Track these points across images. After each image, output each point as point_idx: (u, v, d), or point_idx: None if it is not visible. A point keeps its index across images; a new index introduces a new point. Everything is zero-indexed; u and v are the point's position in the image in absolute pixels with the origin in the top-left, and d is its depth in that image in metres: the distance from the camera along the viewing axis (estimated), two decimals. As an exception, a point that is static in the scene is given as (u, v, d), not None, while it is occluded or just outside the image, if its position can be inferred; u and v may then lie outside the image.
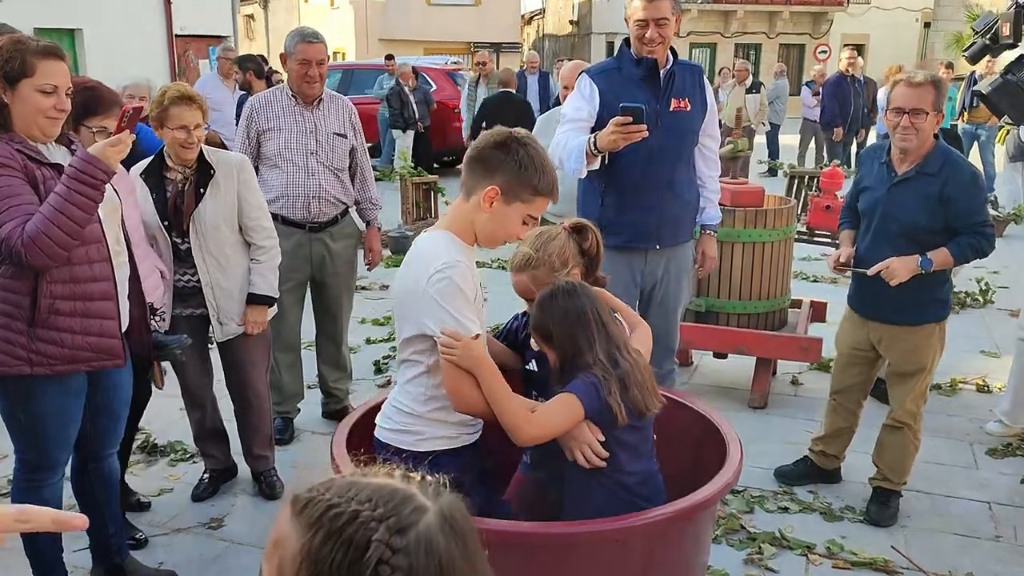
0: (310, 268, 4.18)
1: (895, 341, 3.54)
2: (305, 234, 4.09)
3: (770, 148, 14.18)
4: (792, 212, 4.90)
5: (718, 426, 2.45)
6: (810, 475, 3.91)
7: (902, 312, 3.48)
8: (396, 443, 2.21)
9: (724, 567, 3.22)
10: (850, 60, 11.77)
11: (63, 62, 2.51)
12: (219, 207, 3.39)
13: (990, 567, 3.28)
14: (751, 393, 4.82)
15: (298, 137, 4.01)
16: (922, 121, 3.26)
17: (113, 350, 2.68)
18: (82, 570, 3.12)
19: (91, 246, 2.58)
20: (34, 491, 2.72)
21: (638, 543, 2.04)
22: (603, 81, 3.52)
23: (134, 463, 4.02)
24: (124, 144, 2.48)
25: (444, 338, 2.07)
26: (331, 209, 4.13)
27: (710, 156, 3.76)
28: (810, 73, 15.41)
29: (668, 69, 3.52)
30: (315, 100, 4.05)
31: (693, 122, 3.59)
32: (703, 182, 3.76)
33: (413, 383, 2.22)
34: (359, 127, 4.25)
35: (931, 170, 3.32)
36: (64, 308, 2.55)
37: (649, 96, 3.44)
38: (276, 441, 4.23)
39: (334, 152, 4.08)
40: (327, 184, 4.07)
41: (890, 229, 3.43)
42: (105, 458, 2.95)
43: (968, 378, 5.20)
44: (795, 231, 5.07)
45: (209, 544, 3.40)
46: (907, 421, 3.58)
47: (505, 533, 1.97)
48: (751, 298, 4.83)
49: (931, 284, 3.43)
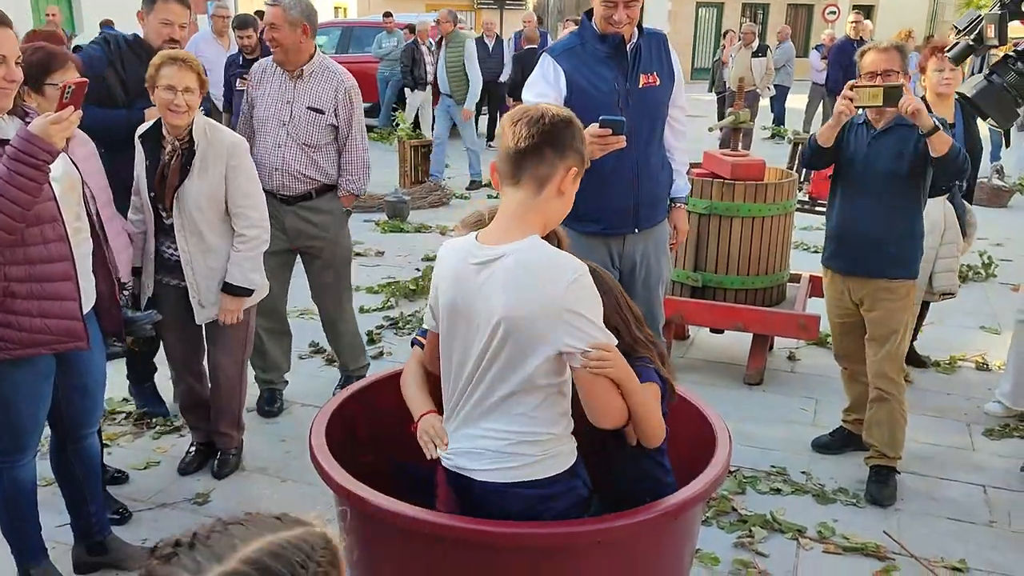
0: (287, 239, 4.08)
1: (877, 301, 3.58)
2: (278, 203, 3.99)
3: (776, 113, 13.98)
4: (793, 186, 4.80)
5: (710, 420, 2.37)
6: (848, 444, 3.96)
7: (895, 265, 3.54)
8: (540, 475, 1.98)
9: (714, 550, 3.19)
10: (856, 24, 11.56)
11: (9, 29, 2.38)
12: (204, 188, 3.28)
13: (983, 554, 3.24)
14: (747, 370, 4.76)
15: (275, 107, 3.95)
16: (893, 80, 3.42)
17: (74, 332, 2.58)
18: (64, 546, 3.08)
19: (46, 225, 2.47)
20: (5, 472, 2.68)
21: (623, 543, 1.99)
22: (567, 61, 3.33)
23: (120, 435, 3.98)
24: (68, 121, 2.36)
25: (597, 352, 1.88)
26: (297, 184, 4.01)
27: (677, 127, 3.61)
28: (820, 36, 15.11)
29: (634, 43, 3.35)
30: (297, 70, 3.94)
31: (663, 96, 3.45)
32: (671, 154, 3.61)
33: (544, 407, 1.96)
34: (353, 105, 4.02)
35: (908, 121, 3.36)
36: (20, 291, 2.46)
37: (617, 73, 3.30)
38: (265, 413, 4.20)
39: (302, 127, 3.94)
40: (291, 158, 3.95)
41: (872, 181, 3.52)
42: (85, 437, 2.90)
43: (967, 355, 5.14)
44: (795, 205, 4.98)
45: (194, 520, 3.36)
46: (890, 390, 3.60)
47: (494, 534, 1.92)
48: (749, 273, 4.75)
49: (911, 240, 3.54)
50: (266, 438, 4.02)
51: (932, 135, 3.25)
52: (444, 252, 2.07)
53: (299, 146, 3.96)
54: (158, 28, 3.67)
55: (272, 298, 4.04)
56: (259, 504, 3.47)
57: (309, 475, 2.41)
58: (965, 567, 3.15)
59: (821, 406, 4.46)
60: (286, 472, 3.72)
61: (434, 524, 1.92)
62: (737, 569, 3.10)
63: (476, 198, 9.50)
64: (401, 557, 2.05)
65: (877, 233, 3.52)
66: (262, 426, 4.14)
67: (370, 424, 2.47)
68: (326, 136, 4.01)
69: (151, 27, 3.69)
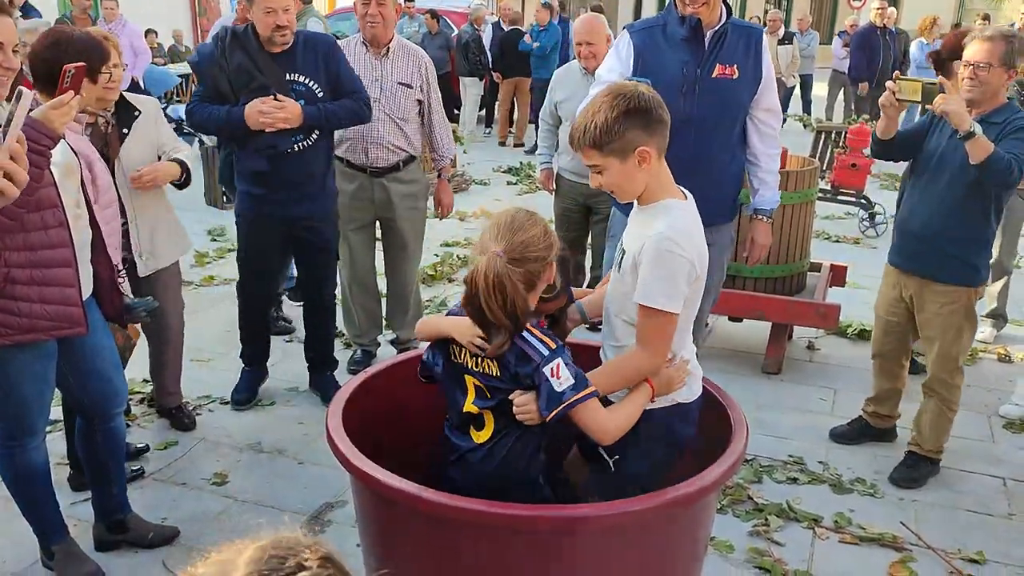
0: (374, 209, 4.35)
1: (925, 302, 3.53)
2: (368, 178, 4.26)
3: (804, 100, 13.84)
4: (815, 174, 4.75)
5: (727, 408, 2.36)
6: (865, 435, 3.97)
7: (918, 261, 3.51)
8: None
9: (729, 538, 3.18)
10: (880, 10, 11.41)
11: (8, 17, 2.37)
12: (144, 147, 3.44)
13: (1000, 547, 3.22)
14: (766, 358, 4.74)
15: (364, 84, 4.05)
16: (986, 73, 3.30)
17: (73, 318, 2.58)
18: (84, 523, 3.13)
19: (46, 211, 2.46)
20: (16, 457, 2.70)
21: (637, 528, 1.99)
22: (642, 39, 3.21)
23: (141, 415, 4.02)
24: (69, 106, 2.34)
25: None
26: (390, 156, 4.24)
27: (767, 132, 3.35)
28: (843, 23, 14.92)
29: (717, 30, 3.16)
30: (383, 48, 4.17)
31: (740, 92, 3.22)
32: (756, 160, 3.39)
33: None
34: (432, 80, 4.29)
35: (996, 119, 3.31)
36: (20, 277, 2.45)
37: (688, 59, 3.14)
38: (351, 371, 4.41)
39: (396, 101, 4.18)
40: (385, 132, 4.18)
41: (940, 176, 3.42)
42: (110, 419, 2.91)
43: (989, 347, 5.09)
44: (816, 194, 4.93)
45: (213, 500, 3.40)
46: (936, 388, 3.59)
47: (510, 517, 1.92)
48: (769, 262, 4.71)
49: (975, 245, 3.43)
50: (284, 421, 4.05)
51: (968, 139, 3.13)
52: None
53: (391, 120, 4.19)
54: (263, 19, 3.62)
55: (361, 269, 4.44)
56: (276, 485, 3.50)
57: (327, 457, 2.42)
58: (983, 559, 3.13)
59: (839, 396, 4.44)
60: (304, 454, 3.75)
61: (450, 507, 1.92)
62: (752, 557, 3.10)
63: (496, 183, 9.49)
64: (417, 538, 2.06)
65: (934, 229, 3.42)
66: (280, 409, 4.17)
67: (388, 406, 2.47)
68: (413, 109, 4.26)
69: (257, 19, 3.66)
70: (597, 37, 4.71)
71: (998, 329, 5.23)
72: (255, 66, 3.68)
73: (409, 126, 4.25)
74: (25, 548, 2.98)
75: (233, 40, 3.73)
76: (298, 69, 3.75)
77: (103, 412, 2.88)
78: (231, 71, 3.70)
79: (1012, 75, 3.33)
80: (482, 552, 1.99)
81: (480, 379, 2.08)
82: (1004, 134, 3.26)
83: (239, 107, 3.66)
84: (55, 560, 2.86)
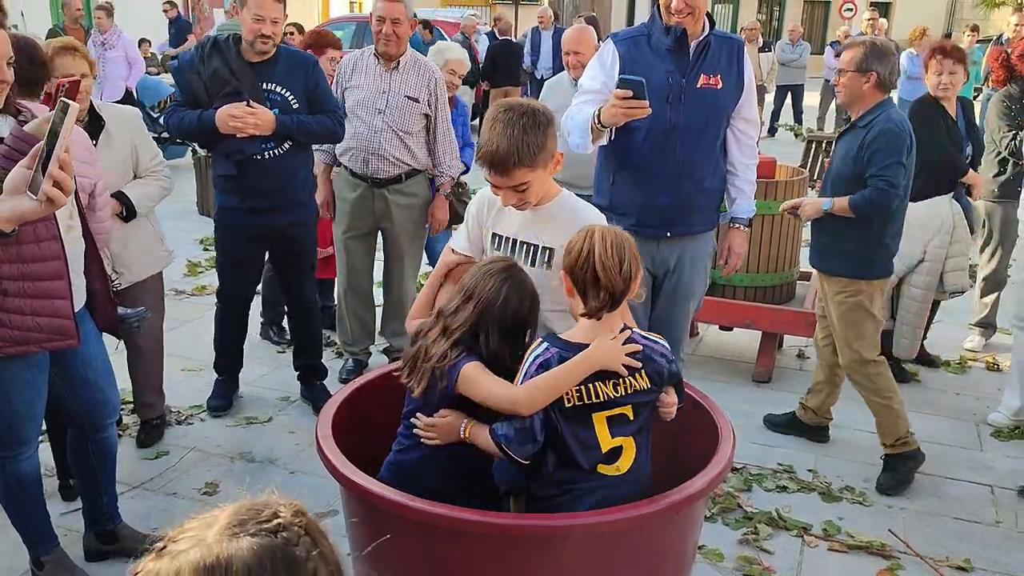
0: (374, 219, 4.40)
1: (824, 291, 3.72)
2: (368, 188, 4.31)
3: (795, 110, 13.93)
4: (804, 184, 4.79)
5: (714, 417, 2.38)
6: (792, 426, 4.09)
7: (819, 258, 3.70)
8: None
9: (718, 547, 3.20)
10: (871, 21, 11.50)
11: (2, 30, 2.36)
12: (114, 157, 3.40)
13: (988, 554, 3.24)
14: (756, 367, 4.77)
15: (370, 96, 4.18)
16: (844, 79, 3.53)
17: (65, 330, 2.58)
18: (74, 533, 3.12)
19: (39, 224, 2.44)
20: (7, 466, 2.70)
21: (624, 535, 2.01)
22: (627, 48, 3.24)
23: (133, 424, 4.02)
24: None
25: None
26: (391, 168, 4.27)
27: (746, 142, 3.39)
28: (836, 33, 15.00)
29: (701, 40, 3.21)
30: (394, 62, 4.20)
31: (723, 101, 3.26)
32: (735, 169, 3.41)
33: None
34: (441, 95, 4.31)
35: (861, 123, 3.50)
36: (12, 289, 2.45)
37: (673, 68, 3.17)
38: (342, 381, 4.40)
39: (401, 115, 4.21)
40: (387, 144, 4.22)
41: (829, 178, 3.66)
42: (104, 428, 2.92)
43: (978, 356, 5.12)
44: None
45: (204, 510, 3.37)
46: (852, 376, 3.71)
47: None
48: (759, 271, 4.75)
49: (846, 235, 3.54)
50: (275, 431, 4.05)
51: (829, 210, 3.50)
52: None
53: (394, 132, 4.22)
54: (250, 24, 3.64)
55: (358, 277, 4.48)
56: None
57: (318, 467, 2.43)
58: (970, 567, 3.15)
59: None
60: (295, 464, 3.75)
61: (437, 515, 1.94)
62: (741, 565, 3.11)
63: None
64: (405, 547, 2.07)
65: (821, 227, 3.66)
66: (271, 419, 4.18)
67: (379, 415, 2.48)
68: (418, 123, 4.29)
69: (245, 23, 3.68)
70: (585, 47, 4.73)
71: (987, 338, 5.27)
72: (230, 72, 3.70)
73: (413, 140, 4.28)
74: (15, 557, 2.98)
75: (213, 48, 3.77)
76: (275, 79, 3.77)
77: (95, 423, 2.88)
78: (207, 77, 3.73)
79: (870, 78, 3.46)
80: (471, 560, 2.00)
81: (623, 403, 2.04)
82: (865, 142, 3.44)
83: (211, 111, 3.68)
84: (45, 570, 2.85)
